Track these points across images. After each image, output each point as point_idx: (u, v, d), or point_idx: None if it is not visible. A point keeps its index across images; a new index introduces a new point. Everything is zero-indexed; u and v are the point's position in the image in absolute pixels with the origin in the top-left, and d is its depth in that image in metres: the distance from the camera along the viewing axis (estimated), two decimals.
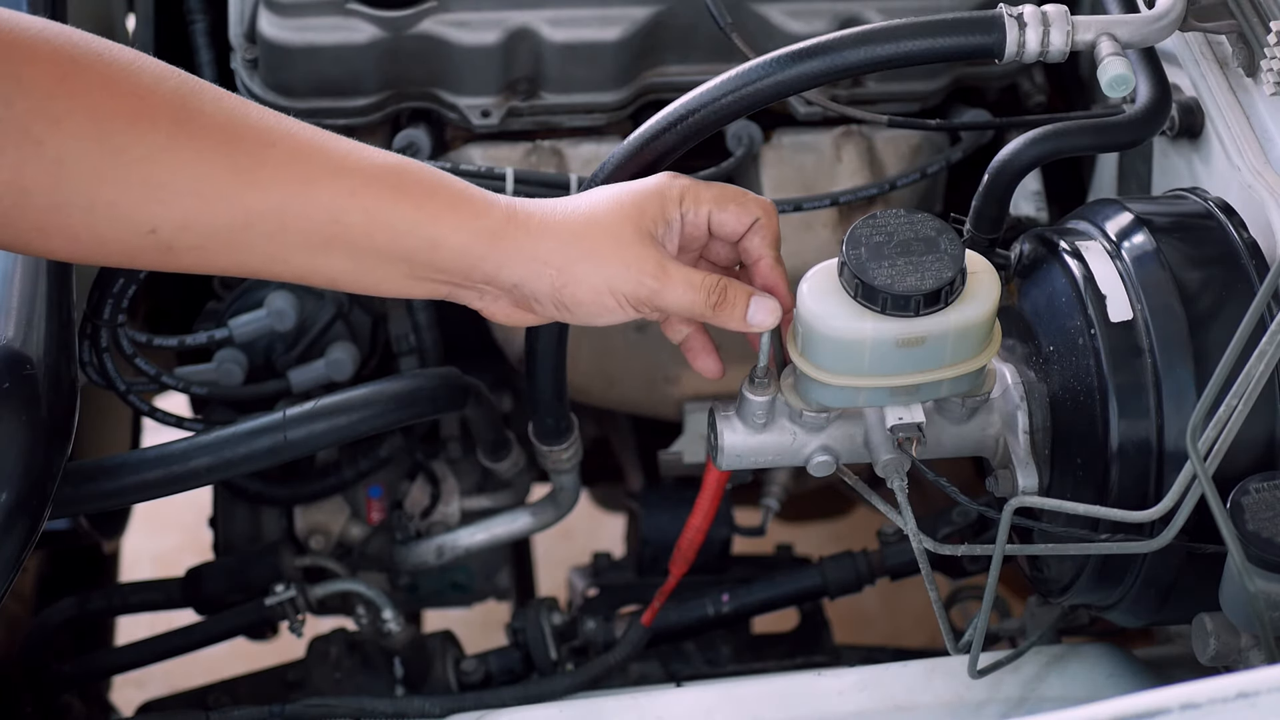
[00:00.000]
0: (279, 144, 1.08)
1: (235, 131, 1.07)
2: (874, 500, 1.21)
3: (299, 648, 1.63)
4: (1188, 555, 1.14)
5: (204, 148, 1.05)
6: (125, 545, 2.12)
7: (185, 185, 1.05)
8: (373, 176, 1.09)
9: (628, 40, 1.52)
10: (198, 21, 1.64)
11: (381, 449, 1.66)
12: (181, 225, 1.06)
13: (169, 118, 1.05)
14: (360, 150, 1.11)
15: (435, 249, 1.10)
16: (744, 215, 1.15)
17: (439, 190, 1.11)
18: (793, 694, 1.26)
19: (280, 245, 1.09)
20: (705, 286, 1.13)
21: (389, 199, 1.09)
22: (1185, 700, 0.84)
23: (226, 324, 1.55)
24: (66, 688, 1.65)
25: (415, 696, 1.51)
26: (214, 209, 1.06)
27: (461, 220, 1.11)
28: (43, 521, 1.16)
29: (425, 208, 1.10)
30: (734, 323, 1.14)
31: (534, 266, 1.11)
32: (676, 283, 1.12)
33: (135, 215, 1.05)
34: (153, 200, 1.05)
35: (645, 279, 1.12)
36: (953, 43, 1.20)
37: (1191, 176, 1.34)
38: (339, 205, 1.08)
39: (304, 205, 1.08)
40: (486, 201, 1.12)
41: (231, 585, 1.61)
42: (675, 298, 1.12)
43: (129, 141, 1.03)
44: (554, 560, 2.31)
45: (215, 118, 1.06)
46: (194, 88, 1.07)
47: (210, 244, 1.08)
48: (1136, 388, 1.14)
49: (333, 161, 1.09)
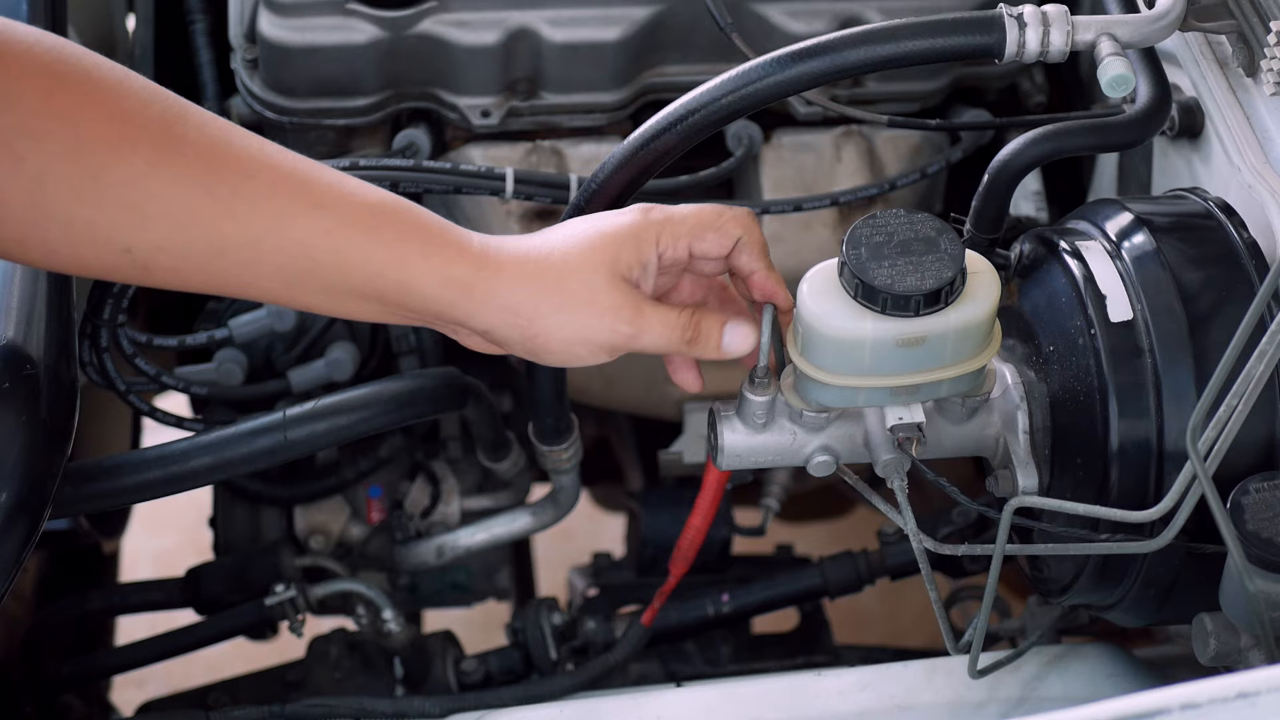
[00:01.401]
0: (258, 175, 1.08)
1: (217, 160, 1.07)
2: (874, 500, 1.21)
3: (299, 648, 1.63)
4: (1188, 555, 1.14)
5: (183, 175, 1.06)
6: (125, 545, 2.12)
7: (162, 210, 1.05)
8: (349, 216, 1.10)
9: (628, 40, 1.52)
10: (198, 21, 1.65)
11: (381, 449, 1.66)
12: (157, 248, 1.07)
13: (150, 142, 1.05)
14: (341, 185, 1.11)
15: (406, 293, 1.11)
16: (724, 239, 1.16)
17: (414, 234, 1.11)
18: (793, 694, 1.26)
19: (255, 274, 1.10)
20: (679, 325, 1.14)
21: (362, 241, 1.10)
22: (1185, 700, 0.84)
23: (226, 324, 1.55)
24: (66, 688, 1.65)
25: (415, 696, 1.51)
26: (189, 235, 1.07)
27: (433, 267, 1.11)
28: (43, 521, 1.16)
29: (397, 252, 1.10)
30: (710, 353, 1.16)
31: (504, 316, 1.12)
32: (652, 326, 1.13)
33: (112, 235, 1.06)
34: (129, 223, 1.05)
35: (620, 326, 1.12)
36: (953, 43, 1.20)
37: (1191, 176, 1.34)
38: (312, 243, 1.09)
39: (278, 240, 1.08)
40: (460, 247, 1.12)
41: (231, 585, 1.61)
42: (651, 340, 1.13)
43: (110, 164, 1.04)
44: (554, 560, 2.31)
45: (198, 145, 1.07)
46: (179, 112, 1.07)
47: (185, 266, 1.09)
48: (1136, 388, 1.14)
49: (311, 197, 1.09)
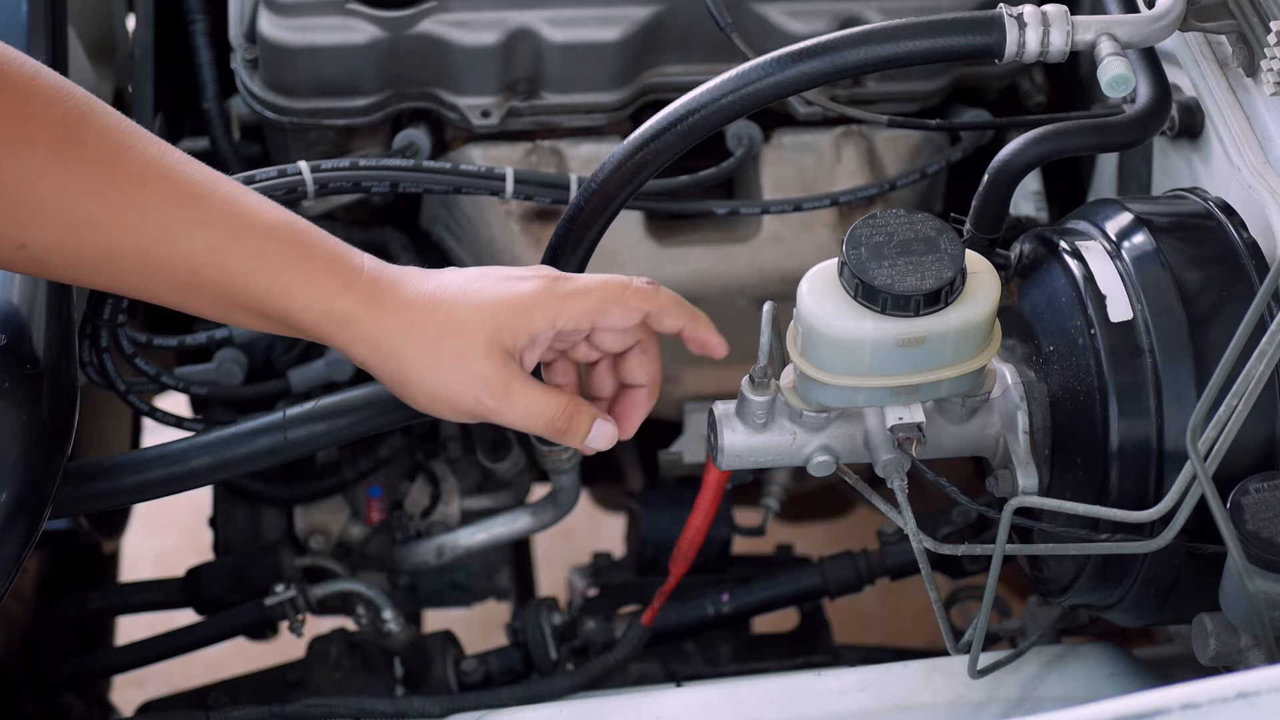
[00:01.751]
0: (152, 186, 1.09)
1: (113, 166, 1.08)
2: (874, 500, 1.21)
3: (299, 648, 1.63)
4: (1188, 555, 1.14)
5: (78, 180, 1.07)
6: (125, 545, 2.12)
7: (54, 213, 1.07)
8: (236, 237, 1.10)
9: (628, 40, 1.52)
10: (198, 21, 1.64)
11: (381, 449, 1.66)
12: (49, 248, 1.08)
13: (49, 144, 1.06)
14: (235, 203, 1.11)
15: (286, 317, 1.12)
16: (629, 314, 1.15)
17: (300, 262, 1.12)
18: (793, 694, 1.26)
19: (146, 281, 1.11)
20: (549, 414, 1.14)
21: (247, 264, 1.10)
22: (1185, 700, 0.84)
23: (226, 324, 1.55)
24: (66, 688, 1.65)
25: (415, 696, 1.51)
26: (80, 239, 1.08)
27: (314, 299, 1.11)
28: (43, 521, 1.16)
29: (281, 279, 1.11)
30: (573, 444, 1.17)
31: (377, 358, 1.13)
32: (519, 406, 1.13)
33: (5, 232, 1.07)
34: (22, 223, 1.07)
35: (484, 398, 1.13)
36: (953, 43, 1.20)
37: (1191, 176, 1.34)
38: (198, 260, 1.10)
39: (165, 253, 1.09)
40: (347, 279, 1.12)
41: (231, 585, 1.61)
42: (514, 419, 1.14)
43: (7, 163, 1.05)
44: (554, 560, 2.31)
45: (96, 150, 1.07)
46: (83, 114, 1.08)
47: (79, 267, 1.10)
48: (1136, 388, 1.14)
49: (200, 214, 1.10)
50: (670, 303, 1.17)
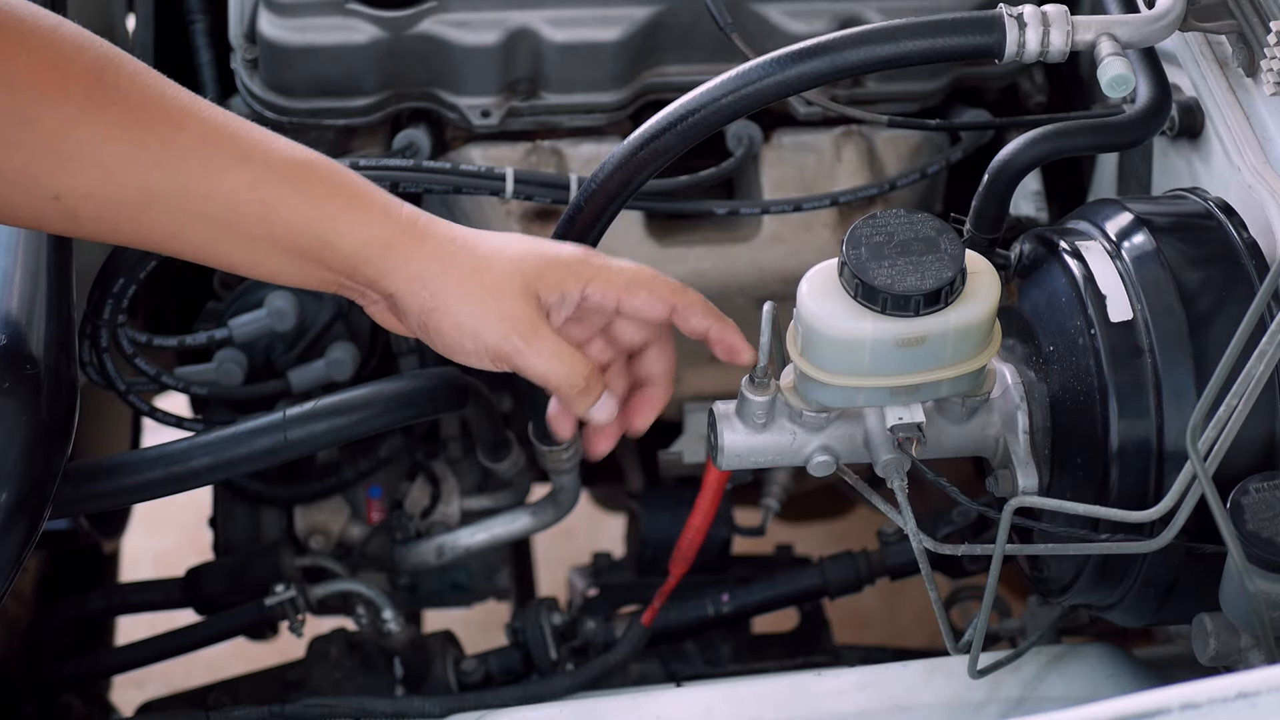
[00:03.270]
0: (188, 127, 1.09)
1: (147, 110, 1.08)
2: (874, 500, 1.21)
3: (299, 648, 1.63)
4: (1188, 555, 1.14)
5: (114, 124, 1.07)
6: (125, 545, 2.12)
7: (91, 158, 1.07)
8: (276, 170, 1.11)
9: (628, 40, 1.52)
10: (198, 21, 1.64)
11: (381, 449, 1.66)
12: (85, 196, 1.08)
13: (83, 90, 1.06)
14: (270, 141, 1.12)
15: (324, 248, 1.12)
16: (656, 302, 1.16)
17: (340, 191, 1.13)
18: (793, 694, 1.26)
19: (180, 225, 1.11)
20: (571, 365, 1.14)
21: (288, 193, 1.11)
22: (1185, 700, 0.84)
23: (226, 324, 1.55)
24: (66, 688, 1.65)
25: (415, 696, 1.51)
26: (118, 183, 1.08)
27: (356, 224, 1.12)
28: (43, 521, 1.16)
29: (323, 207, 1.12)
30: (580, 407, 1.17)
31: (412, 285, 1.13)
32: (545, 352, 1.13)
33: (41, 182, 1.07)
34: (60, 170, 1.07)
35: (513, 336, 1.13)
36: (953, 43, 1.20)
37: (1191, 176, 1.34)
38: (238, 195, 1.10)
39: (204, 190, 1.09)
40: (386, 210, 1.13)
41: (231, 585, 1.61)
42: (538, 363, 1.14)
43: (41, 111, 1.05)
44: (554, 560, 2.31)
45: (129, 94, 1.08)
46: (112, 60, 1.08)
47: (113, 215, 1.10)
48: (1136, 388, 1.14)
49: (239, 150, 1.10)
50: (699, 303, 1.18)
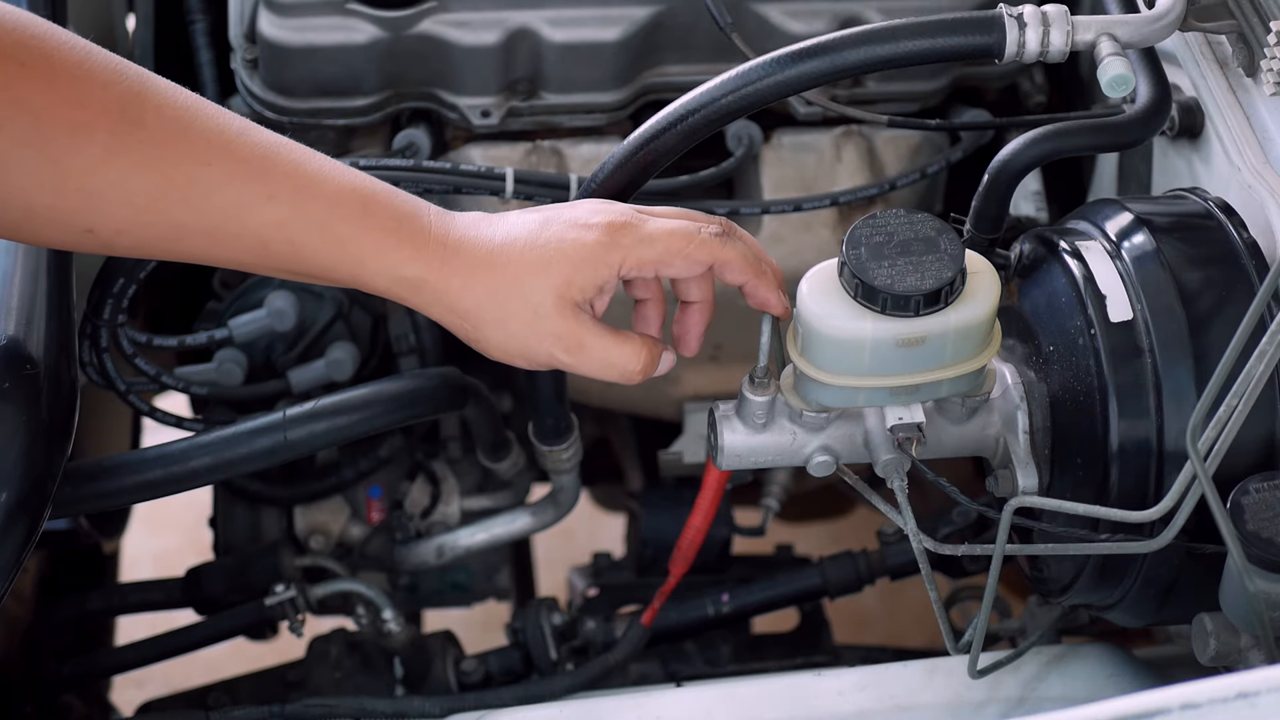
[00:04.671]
0: (215, 163, 1.08)
1: (174, 145, 1.07)
2: (874, 500, 1.21)
3: (299, 648, 1.63)
4: (1188, 555, 1.14)
5: (140, 161, 1.06)
6: (125, 545, 2.12)
7: (120, 197, 1.06)
8: (303, 210, 1.10)
9: (628, 40, 1.52)
10: (198, 22, 1.64)
11: (381, 449, 1.66)
12: (117, 231, 1.08)
13: (109, 128, 1.05)
14: (300, 172, 1.10)
15: (359, 284, 1.13)
16: (692, 267, 1.14)
17: (366, 232, 1.11)
18: (793, 694, 1.26)
19: (215, 255, 1.12)
20: (622, 365, 1.14)
21: (314, 238, 1.10)
22: (1185, 700, 0.84)
23: (226, 324, 1.55)
24: (66, 688, 1.65)
25: (415, 696, 1.51)
26: (147, 220, 1.08)
27: (382, 268, 1.12)
28: (43, 521, 1.16)
29: (350, 251, 1.11)
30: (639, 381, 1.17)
31: (450, 318, 1.13)
32: (595, 359, 1.13)
33: (72, 220, 1.07)
34: (89, 209, 1.06)
35: (558, 354, 1.13)
36: (953, 43, 1.20)
37: (1191, 176, 1.34)
38: (267, 235, 1.10)
39: (233, 229, 1.09)
40: (413, 245, 1.12)
41: (231, 585, 1.61)
42: (590, 370, 1.14)
43: (68, 151, 1.04)
44: (554, 560, 2.31)
45: (155, 131, 1.06)
46: (139, 94, 1.07)
47: (147, 247, 1.11)
48: (1136, 388, 1.14)
49: (267, 188, 1.09)
50: (737, 258, 1.14)
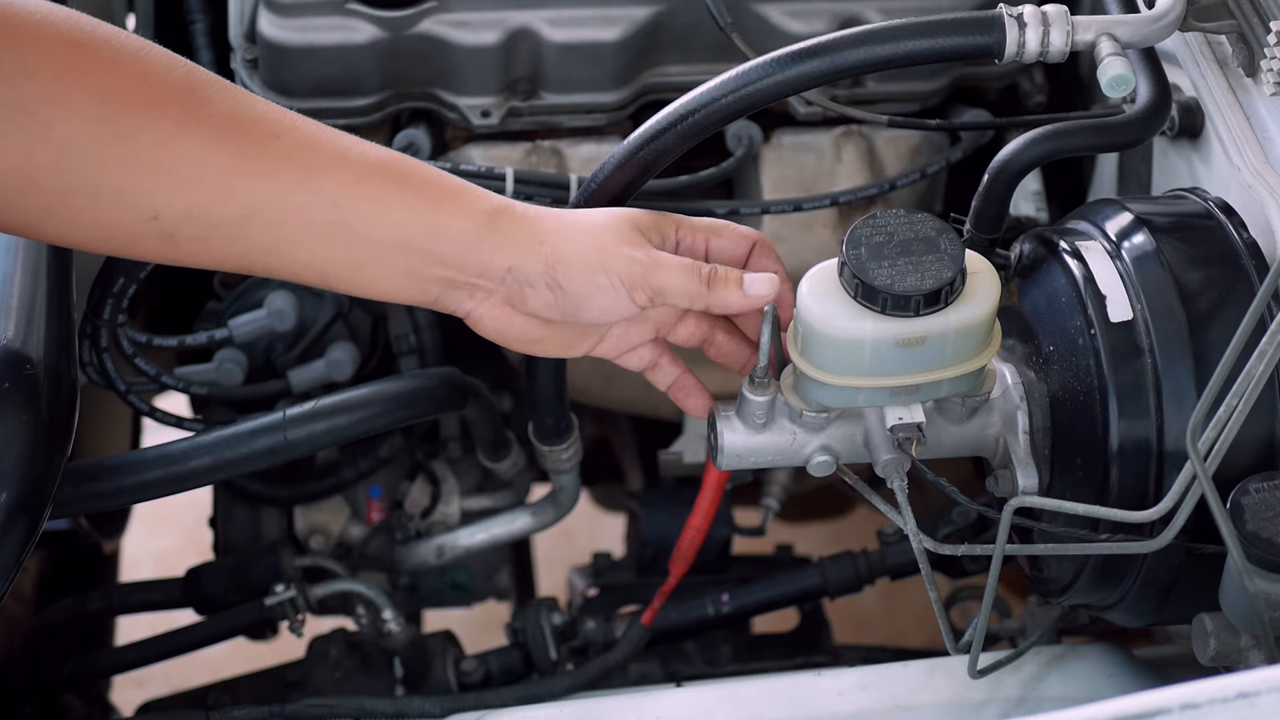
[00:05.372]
0: (284, 135, 1.09)
1: (242, 121, 1.08)
2: (874, 500, 1.21)
3: (299, 648, 1.63)
4: (1188, 555, 1.14)
5: (212, 135, 1.06)
6: (125, 545, 2.12)
7: (192, 172, 1.06)
8: (376, 166, 1.11)
9: (628, 40, 1.52)
10: (198, 21, 1.65)
11: (381, 449, 1.66)
12: (185, 213, 1.07)
13: (178, 104, 1.05)
14: (361, 144, 1.12)
15: (436, 234, 1.11)
16: (740, 239, 1.18)
17: (438, 179, 1.13)
18: (793, 694, 1.26)
19: (280, 237, 1.09)
20: (695, 268, 1.14)
21: (394, 187, 1.11)
22: (1185, 700, 0.84)
23: (226, 324, 1.55)
24: (66, 688, 1.65)
25: (415, 696, 1.51)
26: (219, 196, 1.07)
27: (462, 205, 1.12)
28: (43, 521, 1.16)
29: (426, 194, 1.12)
30: (732, 296, 1.15)
31: (530, 246, 1.12)
32: (669, 265, 1.14)
33: (140, 201, 1.06)
34: (159, 186, 1.05)
35: (637, 260, 1.13)
36: (953, 43, 1.20)
37: (1191, 176, 1.34)
38: (343, 193, 1.09)
39: (308, 195, 1.09)
40: (484, 192, 1.14)
41: (231, 585, 1.61)
42: (668, 277, 1.13)
43: (139, 126, 1.04)
44: (554, 560, 2.31)
45: (222, 107, 1.07)
46: (201, 77, 1.08)
47: (212, 234, 1.08)
48: (1136, 388, 1.14)
49: (336, 152, 1.10)
50: (771, 247, 1.19)
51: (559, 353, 1.20)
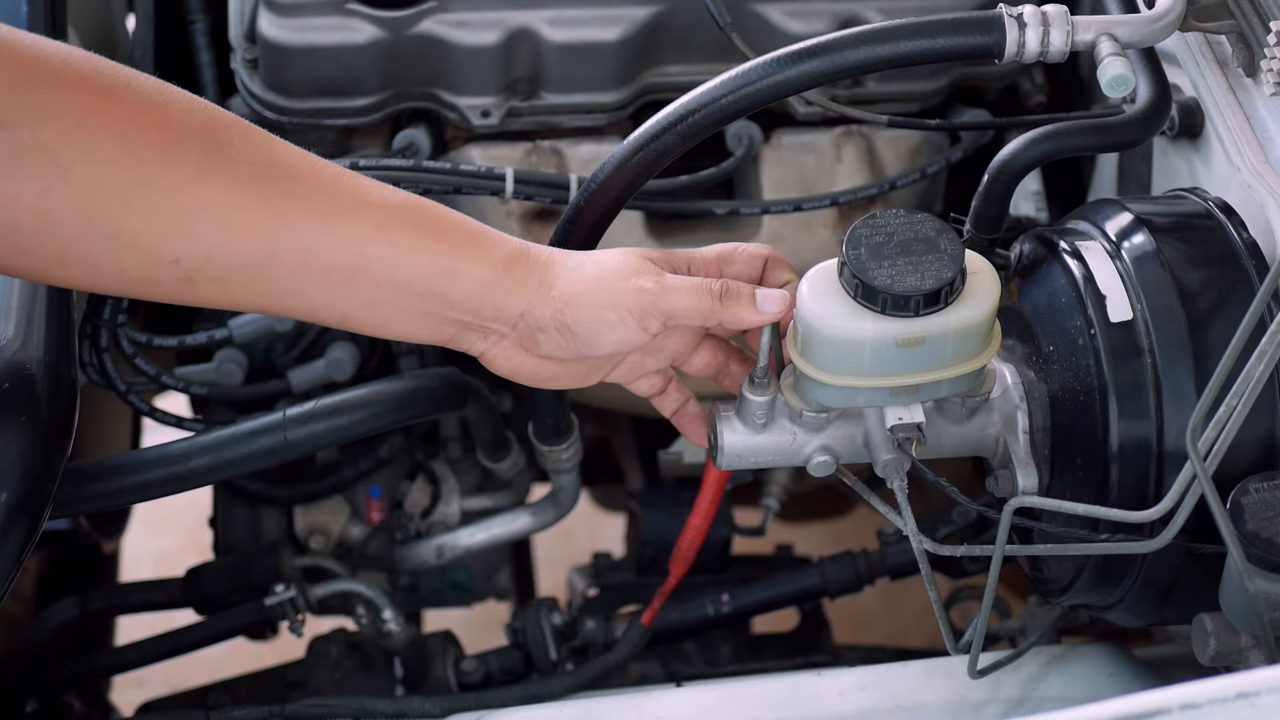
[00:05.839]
0: (305, 179, 1.08)
1: (263, 165, 1.07)
2: (874, 500, 1.21)
3: (299, 648, 1.63)
4: (1188, 555, 1.14)
5: (233, 180, 1.05)
6: (125, 545, 2.12)
7: (213, 216, 1.05)
8: (396, 211, 1.11)
9: (628, 40, 1.52)
10: (198, 22, 1.65)
11: (381, 449, 1.66)
12: (206, 257, 1.06)
13: (199, 149, 1.04)
14: (380, 187, 1.12)
15: (453, 280, 1.11)
16: (753, 260, 1.17)
17: (457, 224, 1.13)
18: (793, 694, 1.26)
19: (300, 280, 1.09)
20: (706, 285, 1.14)
21: (413, 233, 1.11)
22: (1185, 700, 0.84)
23: (226, 324, 1.55)
24: (66, 688, 1.65)
25: (415, 696, 1.51)
26: (240, 241, 1.06)
27: (480, 252, 1.12)
28: (43, 521, 1.16)
29: (446, 240, 1.12)
30: (745, 311, 1.14)
31: (540, 292, 1.13)
32: (678, 287, 1.13)
33: (160, 246, 1.05)
34: (180, 231, 1.05)
35: (646, 290, 1.12)
36: (953, 43, 1.20)
37: (1191, 176, 1.34)
38: (364, 238, 1.09)
39: (329, 239, 1.08)
40: (501, 237, 1.14)
41: (231, 585, 1.61)
42: (678, 299, 1.13)
43: (160, 171, 1.03)
44: (554, 560, 2.31)
45: (243, 150, 1.07)
46: (221, 120, 1.07)
47: (232, 277, 1.08)
48: (1136, 388, 1.14)
49: (357, 197, 1.10)
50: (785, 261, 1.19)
51: (574, 385, 1.20)
